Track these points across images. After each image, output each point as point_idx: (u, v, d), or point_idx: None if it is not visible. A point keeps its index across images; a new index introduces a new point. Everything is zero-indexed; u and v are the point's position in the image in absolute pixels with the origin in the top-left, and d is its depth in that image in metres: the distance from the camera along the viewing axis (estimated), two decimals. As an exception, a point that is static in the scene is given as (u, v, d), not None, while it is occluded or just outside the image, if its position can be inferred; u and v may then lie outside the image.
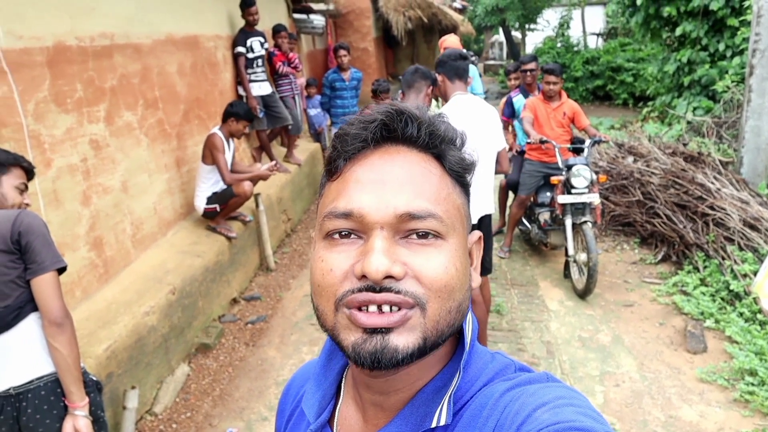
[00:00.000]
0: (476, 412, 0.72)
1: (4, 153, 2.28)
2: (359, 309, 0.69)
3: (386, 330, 0.68)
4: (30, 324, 2.12)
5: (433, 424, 0.73)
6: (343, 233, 0.72)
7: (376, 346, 0.68)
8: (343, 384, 0.87)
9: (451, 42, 6.47)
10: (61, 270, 2.16)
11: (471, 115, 3.72)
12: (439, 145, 0.76)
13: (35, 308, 2.12)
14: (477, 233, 0.82)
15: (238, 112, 5.13)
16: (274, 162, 5.78)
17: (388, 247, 0.69)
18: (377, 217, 0.69)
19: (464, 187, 0.80)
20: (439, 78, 3.97)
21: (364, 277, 0.68)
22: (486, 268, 4.14)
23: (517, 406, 0.67)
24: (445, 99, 3.95)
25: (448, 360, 0.79)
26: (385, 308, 0.68)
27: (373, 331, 0.68)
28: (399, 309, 0.68)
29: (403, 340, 0.68)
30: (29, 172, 2.35)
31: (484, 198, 3.84)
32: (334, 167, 0.76)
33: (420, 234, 0.71)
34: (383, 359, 0.68)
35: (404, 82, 4.08)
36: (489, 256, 4.17)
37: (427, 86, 3.99)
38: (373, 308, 0.68)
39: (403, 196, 0.70)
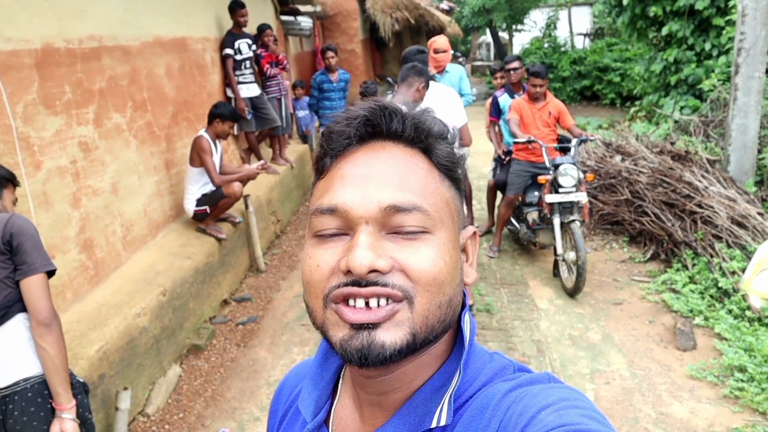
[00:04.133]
0: (477, 413, 0.71)
1: (4, 169, 2.40)
2: (346, 304, 0.69)
3: (373, 326, 0.67)
4: (17, 324, 2.12)
5: (433, 424, 0.72)
6: (331, 233, 0.71)
7: (363, 342, 0.67)
8: (339, 383, 0.86)
9: (440, 43, 6.51)
10: (51, 273, 2.17)
11: (430, 94, 4.34)
12: (425, 140, 0.75)
13: (22, 309, 2.13)
14: (471, 228, 0.81)
15: (223, 113, 5.13)
16: (262, 161, 5.78)
17: (373, 242, 0.68)
18: (361, 212, 0.69)
19: (454, 181, 0.78)
20: None
21: (349, 272, 0.67)
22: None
23: (520, 408, 0.66)
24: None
25: (445, 358, 0.77)
26: (373, 302, 0.67)
27: (359, 327, 0.67)
28: (387, 303, 0.68)
29: (390, 336, 0.67)
30: (16, 187, 2.49)
31: None
32: (321, 165, 0.76)
33: (406, 231, 0.70)
34: (370, 355, 0.67)
35: (399, 76, 4.32)
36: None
37: (419, 83, 4.17)
38: (360, 303, 0.68)
39: (388, 189, 0.70)
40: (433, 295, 0.69)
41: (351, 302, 0.68)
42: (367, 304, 0.68)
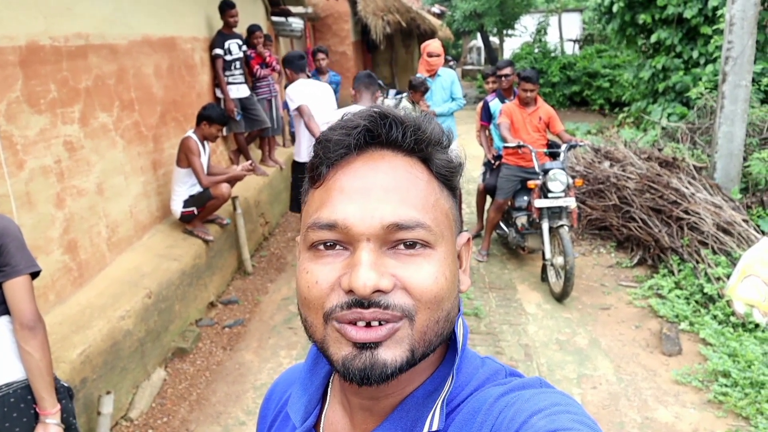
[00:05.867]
0: (469, 417, 0.71)
1: None
2: (349, 323, 0.68)
3: (375, 345, 0.67)
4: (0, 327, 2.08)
5: (425, 429, 0.71)
6: (328, 244, 0.70)
7: (365, 362, 0.67)
8: (329, 388, 0.85)
9: (434, 47, 6.54)
10: (35, 275, 2.12)
11: (310, 89, 5.33)
12: (425, 149, 0.73)
13: (5, 312, 2.08)
14: (465, 235, 0.81)
15: (210, 116, 5.10)
16: (249, 161, 5.75)
17: (375, 260, 0.67)
18: (363, 229, 0.67)
19: (452, 190, 0.77)
20: (288, 72, 5.67)
21: (351, 291, 0.66)
22: None
23: (512, 412, 0.66)
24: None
25: (438, 364, 0.77)
26: (374, 322, 0.67)
27: (362, 346, 0.67)
28: (387, 322, 0.67)
29: (391, 354, 0.67)
30: None
31: None
32: (316, 174, 0.73)
33: (408, 244, 0.69)
34: (372, 375, 0.67)
35: (361, 83, 4.87)
36: None
37: (376, 89, 4.89)
38: (361, 322, 0.67)
39: (390, 205, 0.68)
40: (432, 311, 0.69)
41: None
42: (368, 323, 0.67)
